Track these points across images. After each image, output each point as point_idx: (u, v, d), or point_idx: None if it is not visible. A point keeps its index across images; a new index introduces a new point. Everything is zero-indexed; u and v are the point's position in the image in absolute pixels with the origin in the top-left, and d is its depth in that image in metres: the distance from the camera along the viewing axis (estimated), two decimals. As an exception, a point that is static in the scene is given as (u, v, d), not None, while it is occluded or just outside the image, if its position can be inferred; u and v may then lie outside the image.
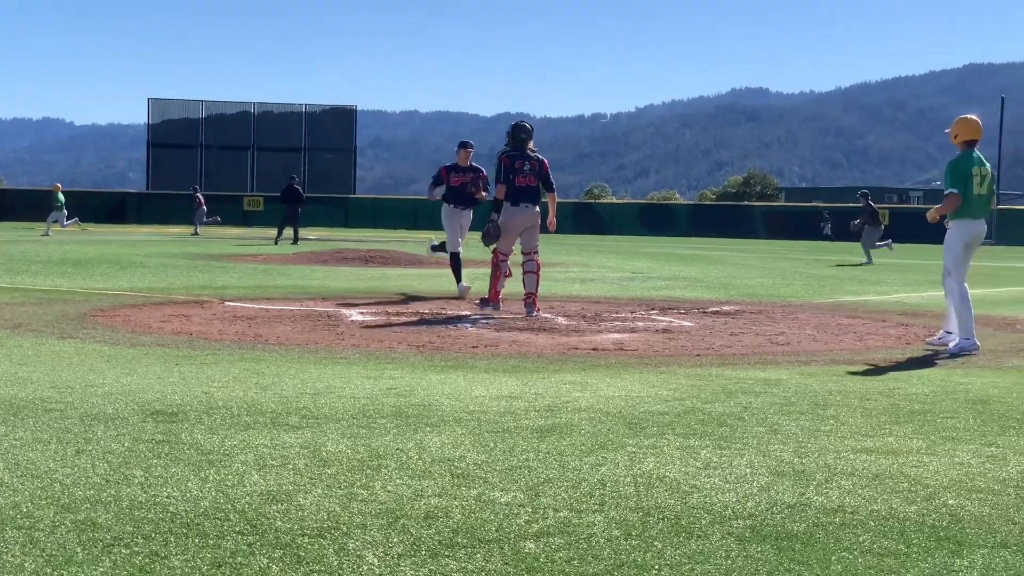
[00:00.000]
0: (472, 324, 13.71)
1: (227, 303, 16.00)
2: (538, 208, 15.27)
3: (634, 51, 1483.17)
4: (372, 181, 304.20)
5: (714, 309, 16.44)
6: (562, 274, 24.87)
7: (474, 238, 18.57)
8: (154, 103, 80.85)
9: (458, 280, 18.18)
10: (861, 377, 9.90)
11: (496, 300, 15.19)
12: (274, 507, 5.16)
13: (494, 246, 15.34)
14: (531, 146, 15.27)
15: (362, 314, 14.69)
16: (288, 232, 41.54)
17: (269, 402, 7.89)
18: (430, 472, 5.88)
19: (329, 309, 15.32)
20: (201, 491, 5.40)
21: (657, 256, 37.32)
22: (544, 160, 15.34)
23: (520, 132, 15.33)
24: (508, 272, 15.41)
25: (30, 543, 4.59)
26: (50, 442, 6.41)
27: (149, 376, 9.02)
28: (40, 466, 5.83)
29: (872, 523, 5.13)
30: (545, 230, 15.66)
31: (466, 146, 18.40)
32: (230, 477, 5.68)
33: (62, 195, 49.72)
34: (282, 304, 16.07)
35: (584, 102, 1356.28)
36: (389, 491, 5.49)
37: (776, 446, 6.72)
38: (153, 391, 8.25)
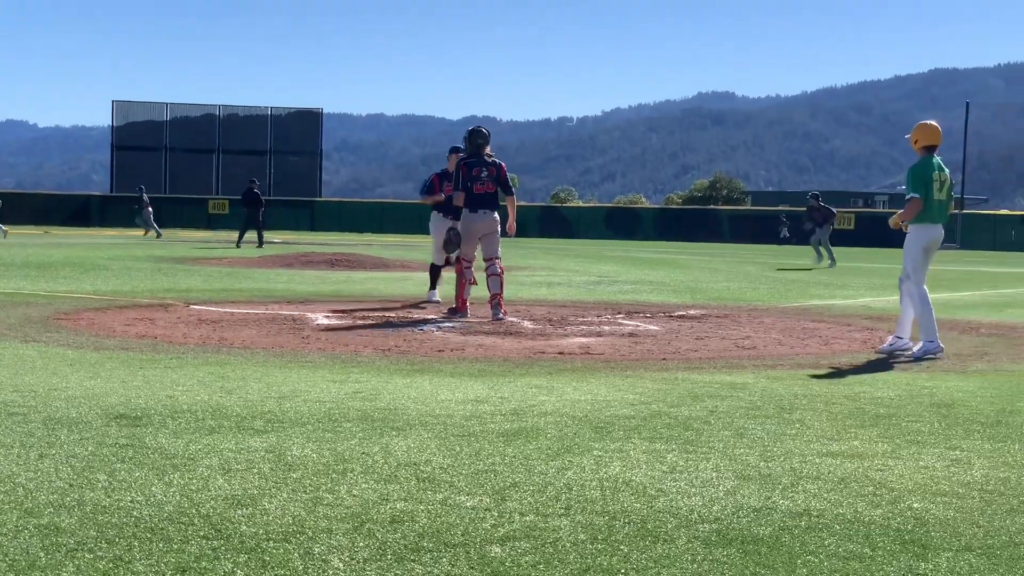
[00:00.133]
0: (438, 328, 13.70)
1: (191, 306, 15.94)
2: (496, 214, 15.29)
3: (600, 55, 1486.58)
4: (338, 184, 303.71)
5: (680, 313, 16.47)
6: (528, 278, 24.88)
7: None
8: (118, 105, 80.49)
9: (432, 287, 17.93)
10: (826, 381, 9.93)
11: (464, 308, 15.16)
12: (239, 512, 5.13)
13: (457, 253, 15.40)
14: (488, 151, 15.27)
15: (327, 317, 14.66)
16: (251, 235, 41.41)
17: (234, 406, 7.85)
18: (396, 476, 5.87)
19: (294, 313, 15.28)
20: (165, 495, 5.38)
21: (623, 260, 37.37)
22: (502, 164, 15.34)
23: (477, 137, 15.31)
24: (473, 280, 15.39)
25: (-8, 548, 4.56)
26: (13, 446, 6.36)
27: (113, 380, 8.97)
28: (3, 470, 5.79)
29: (837, 527, 5.14)
30: (505, 234, 15.65)
31: (458, 151, 16.92)
32: (194, 481, 5.65)
33: None
34: (247, 308, 16.02)
35: (550, 106, 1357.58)
36: (355, 495, 5.47)
37: (742, 450, 6.73)
38: (117, 395, 8.21)
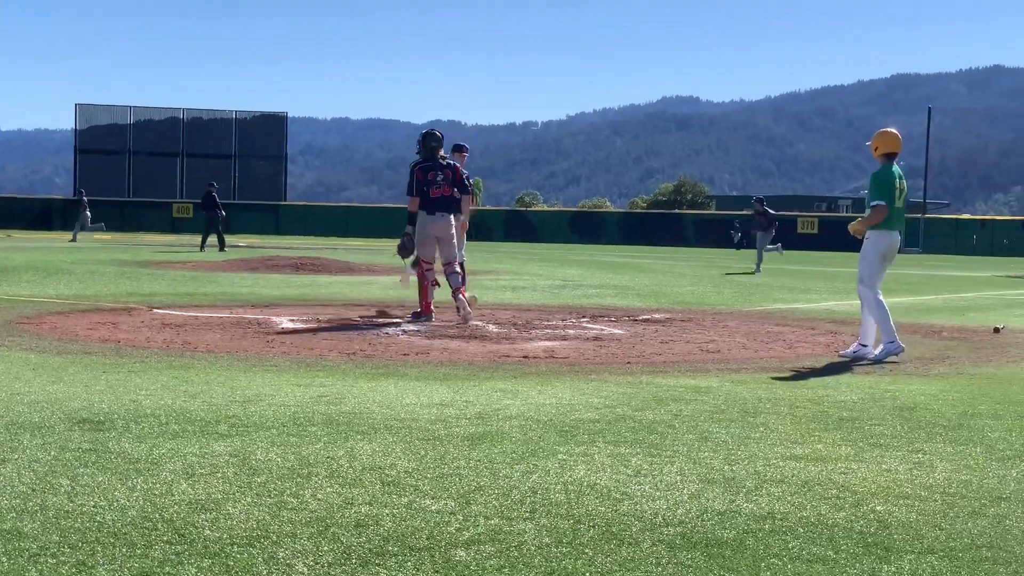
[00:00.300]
0: (403, 332, 13.68)
1: (155, 310, 15.86)
2: (453, 217, 15.30)
3: (565, 59, 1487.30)
4: (303, 188, 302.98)
5: (645, 317, 16.50)
6: (493, 282, 24.87)
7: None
8: (81, 108, 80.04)
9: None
10: (790, 384, 9.97)
11: (429, 312, 15.14)
12: (203, 516, 5.12)
13: (411, 259, 15.44)
14: (442, 153, 15.28)
15: (292, 321, 14.62)
16: (213, 239, 41.30)
17: (198, 410, 7.82)
18: (361, 480, 5.86)
19: (259, 316, 15.24)
20: (129, 500, 5.35)
21: (588, 264, 37.42)
22: (457, 165, 15.36)
23: (431, 140, 15.31)
24: (435, 282, 15.38)
25: (-47, 554, 4.53)
26: (-26, 451, 6.32)
27: (76, 384, 8.92)
28: (-36, 476, 5.75)
29: (801, 530, 5.16)
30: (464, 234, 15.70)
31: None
32: (158, 486, 5.63)
33: None
34: (211, 311, 15.96)
35: (515, 110, 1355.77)
36: (319, 499, 5.46)
37: (706, 453, 6.75)
38: (80, 399, 8.17)
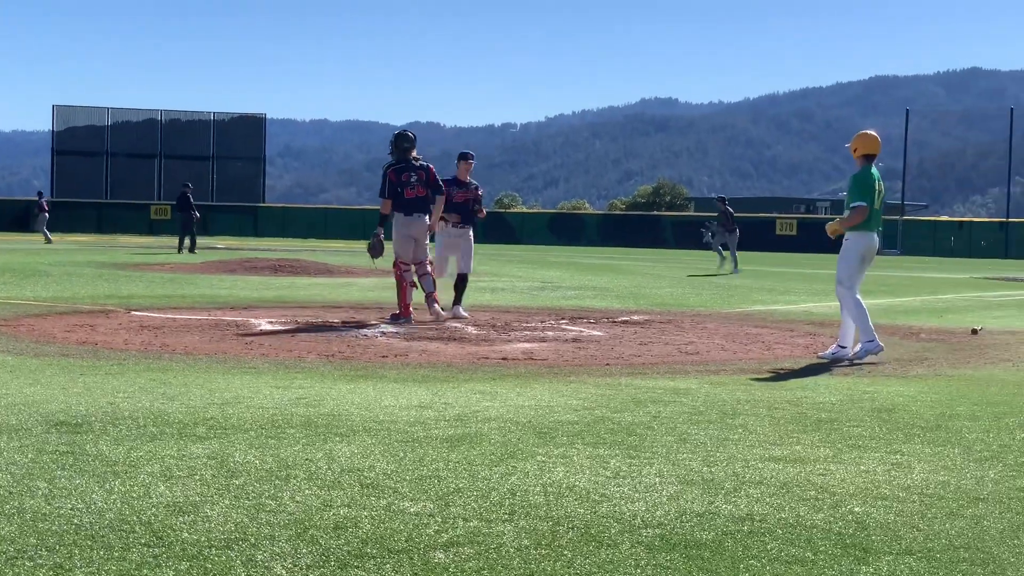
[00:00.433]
0: (382, 333, 13.67)
1: (133, 313, 15.82)
2: (427, 218, 15.38)
3: (544, 61, 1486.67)
4: (282, 190, 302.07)
5: (623, 319, 16.51)
6: (472, 283, 24.78)
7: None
8: (59, 110, 79.67)
9: (456, 301, 16.33)
10: (769, 386, 9.99)
11: (408, 314, 15.13)
12: (181, 518, 5.10)
13: (378, 260, 15.63)
14: (415, 154, 15.30)
15: (271, 323, 14.59)
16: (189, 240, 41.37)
17: (176, 412, 7.80)
18: (339, 482, 5.85)
19: (238, 318, 15.20)
20: (106, 502, 5.33)
21: (567, 266, 37.43)
22: (430, 166, 15.41)
23: (403, 141, 15.36)
24: (413, 282, 15.39)
25: (-71, 557, 4.51)
26: (-49, 454, 6.30)
27: (53, 386, 8.89)
28: (-60, 478, 5.73)
29: (780, 531, 5.17)
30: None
31: (467, 158, 16.46)
32: (136, 488, 5.61)
33: None
34: (189, 314, 15.92)
35: (494, 112, 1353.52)
36: (298, 502, 5.45)
37: (685, 455, 6.76)
38: (57, 402, 8.14)
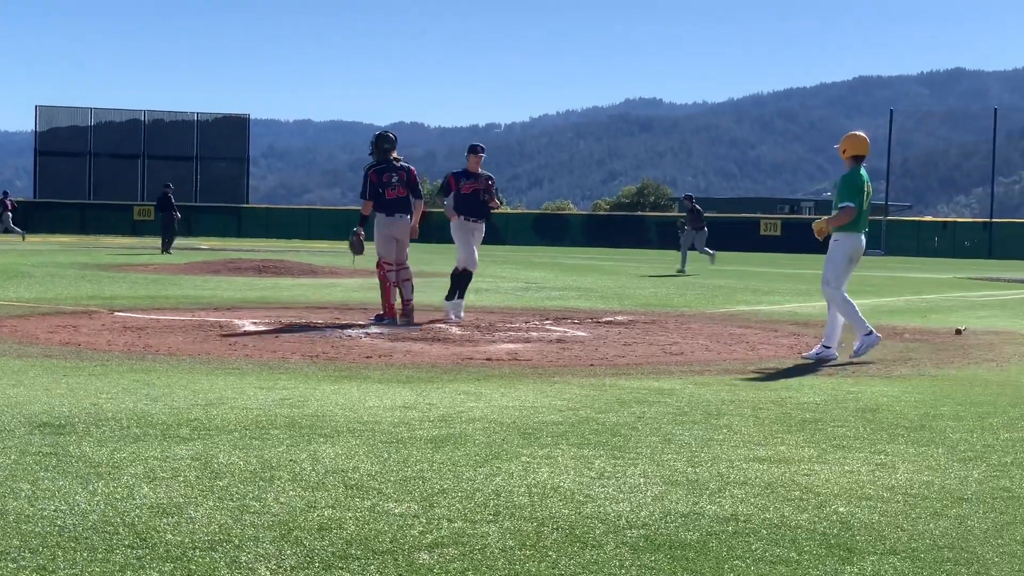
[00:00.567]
0: (366, 334, 13.66)
1: (116, 313, 15.78)
2: (409, 218, 15.41)
3: (528, 61, 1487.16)
4: (265, 190, 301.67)
5: (608, 319, 16.51)
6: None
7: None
8: (41, 110, 79.43)
9: (457, 296, 16.00)
10: (753, 386, 10.00)
11: (392, 315, 15.11)
12: (164, 520, 5.09)
13: (358, 258, 15.79)
14: (395, 155, 15.30)
15: (255, 324, 14.57)
16: (178, 240, 41.35)
17: (159, 413, 7.78)
18: (323, 483, 5.84)
19: (221, 319, 15.18)
20: (89, 504, 5.32)
21: (551, 266, 37.42)
22: (411, 168, 15.46)
23: (384, 142, 15.38)
24: (396, 282, 15.38)
25: (-89, 559, 4.49)
26: (-67, 455, 6.27)
27: (36, 388, 8.86)
28: (-78, 480, 5.70)
29: (764, 531, 5.18)
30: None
31: (476, 150, 15.93)
32: (119, 490, 5.59)
33: None
34: (173, 314, 15.89)
35: (478, 112, 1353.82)
36: (282, 503, 5.44)
37: (670, 455, 6.76)
38: (40, 403, 8.11)
